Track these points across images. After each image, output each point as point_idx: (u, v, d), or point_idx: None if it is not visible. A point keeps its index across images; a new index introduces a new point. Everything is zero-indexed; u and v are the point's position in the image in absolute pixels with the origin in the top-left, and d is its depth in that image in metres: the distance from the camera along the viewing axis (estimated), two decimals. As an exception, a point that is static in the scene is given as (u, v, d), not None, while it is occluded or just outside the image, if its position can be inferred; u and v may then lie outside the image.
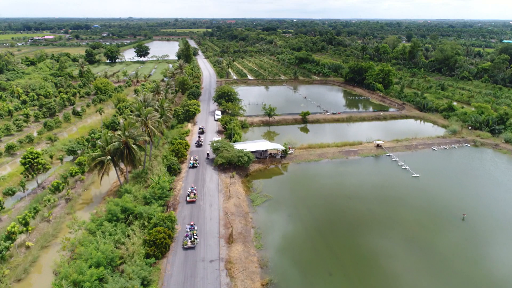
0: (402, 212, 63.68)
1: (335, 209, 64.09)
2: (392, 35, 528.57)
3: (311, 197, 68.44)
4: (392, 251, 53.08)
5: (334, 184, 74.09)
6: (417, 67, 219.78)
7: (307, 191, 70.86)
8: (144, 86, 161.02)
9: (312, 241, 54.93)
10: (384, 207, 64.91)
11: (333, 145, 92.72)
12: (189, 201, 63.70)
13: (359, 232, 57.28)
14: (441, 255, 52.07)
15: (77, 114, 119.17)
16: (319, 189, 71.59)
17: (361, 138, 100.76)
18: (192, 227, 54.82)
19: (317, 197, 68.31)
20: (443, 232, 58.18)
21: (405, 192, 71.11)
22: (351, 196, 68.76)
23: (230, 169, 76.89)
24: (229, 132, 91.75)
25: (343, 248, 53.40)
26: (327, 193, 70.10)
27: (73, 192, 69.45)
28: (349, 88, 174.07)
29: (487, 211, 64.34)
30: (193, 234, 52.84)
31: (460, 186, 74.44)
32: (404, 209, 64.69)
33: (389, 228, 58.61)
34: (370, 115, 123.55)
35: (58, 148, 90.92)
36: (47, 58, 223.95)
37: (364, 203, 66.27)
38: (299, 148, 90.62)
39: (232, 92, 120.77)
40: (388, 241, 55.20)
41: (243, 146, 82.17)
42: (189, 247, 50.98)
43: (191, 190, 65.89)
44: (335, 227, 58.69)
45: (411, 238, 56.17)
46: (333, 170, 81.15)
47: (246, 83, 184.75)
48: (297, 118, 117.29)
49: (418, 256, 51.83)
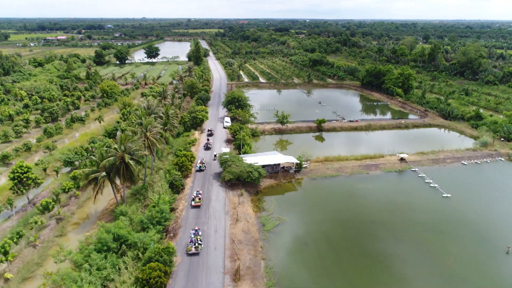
0: (435, 242, 55.41)
1: (357, 237, 56.17)
2: (408, 35, 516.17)
3: (329, 221, 60.65)
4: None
5: (354, 205, 66.10)
6: (438, 70, 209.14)
7: (324, 213, 63.10)
8: (152, 89, 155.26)
9: (331, 278, 47.23)
10: (413, 236, 56.74)
11: (352, 158, 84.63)
12: (193, 205, 61.59)
13: (386, 268, 49.32)
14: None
15: (79, 119, 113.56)
16: (338, 212, 63.74)
17: (382, 149, 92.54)
18: (196, 232, 52.98)
19: (336, 221, 60.49)
20: (484, 268, 49.80)
21: (436, 216, 62.68)
22: (375, 221, 60.72)
23: (238, 185, 69.63)
24: (239, 142, 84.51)
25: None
26: (347, 216, 62.21)
27: (66, 210, 63.12)
28: (366, 92, 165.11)
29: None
30: (197, 240, 51.08)
31: (499, 210, 65.59)
32: (437, 238, 56.39)
33: (421, 262, 50.47)
34: (390, 123, 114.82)
35: (56, 157, 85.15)
36: (56, 59, 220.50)
37: (390, 229, 58.20)
38: (314, 161, 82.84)
39: (242, 97, 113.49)
40: (420, 279, 47.10)
41: (253, 159, 74.84)
42: (193, 253, 49.21)
43: (196, 194, 63.45)
44: (358, 261, 50.82)
45: (447, 275, 47.94)
46: (352, 188, 73.12)
47: (257, 86, 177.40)
48: (312, 126, 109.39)
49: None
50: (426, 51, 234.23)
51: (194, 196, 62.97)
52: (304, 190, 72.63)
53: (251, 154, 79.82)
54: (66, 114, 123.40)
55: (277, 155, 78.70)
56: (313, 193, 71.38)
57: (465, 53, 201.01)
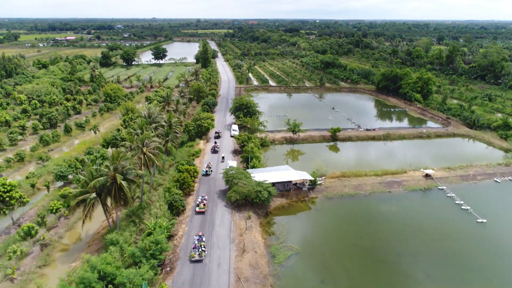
0: (473, 280, 47.39)
1: (383, 274, 48.39)
2: (421, 36, 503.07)
3: (348, 252, 52.98)
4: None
5: (377, 231, 58.28)
6: (457, 73, 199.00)
7: (343, 242, 55.46)
8: (157, 92, 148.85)
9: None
10: (447, 272, 48.76)
11: (371, 173, 76.64)
12: (198, 211, 59.54)
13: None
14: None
15: (79, 125, 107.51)
16: (359, 239, 56.02)
17: (403, 162, 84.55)
18: (200, 238, 51.11)
19: (357, 253, 52.77)
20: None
21: (472, 247, 54.56)
22: (401, 253, 52.85)
23: (246, 206, 62.33)
24: (246, 155, 77.18)
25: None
26: (369, 246, 54.46)
27: (53, 233, 56.54)
28: (382, 97, 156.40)
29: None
30: (200, 246, 49.26)
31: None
32: (474, 275, 48.36)
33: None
34: (410, 132, 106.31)
35: (49, 169, 78.93)
36: (61, 61, 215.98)
37: (420, 264, 50.28)
38: (330, 177, 75.10)
39: (251, 104, 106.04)
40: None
41: (262, 175, 67.42)
42: (196, 260, 47.71)
43: (201, 200, 61.31)
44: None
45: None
46: (373, 209, 65.26)
47: (267, 90, 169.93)
48: (326, 135, 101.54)
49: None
50: (443, 53, 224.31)
51: (199, 201, 61.06)
52: (319, 211, 65.01)
53: (260, 169, 72.44)
54: (66, 119, 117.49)
55: (289, 170, 71.14)
56: (330, 216, 63.75)
57: (486, 55, 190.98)
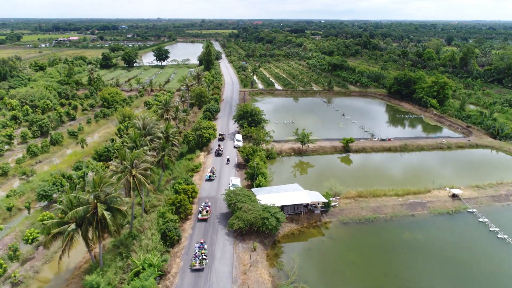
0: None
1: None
2: (429, 37, 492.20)
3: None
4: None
5: (402, 267, 50.11)
6: (471, 76, 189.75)
7: (364, 282, 47.35)
8: (157, 97, 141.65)
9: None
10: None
11: (391, 193, 68.35)
12: (200, 219, 56.88)
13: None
14: None
15: (72, 134, 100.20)
16: (382, 277, 47.89)
17: (425, 177, 76.53)
18: (202, 246, 49.07)
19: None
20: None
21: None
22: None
23: (250, 235, 54.41)
24: (251, 172, 69.17)
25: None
26: (396, 286, 46.33)
27: (28, 267, 49.02)
28: (395, 102, 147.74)
29: None
30: (201, 254, 47.52)
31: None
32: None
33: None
34: (429, 143, 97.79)
35: (33, 186, 71.56)
36: (60, 62, 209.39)
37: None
38: (345, 197, 66.97)
39: (256, 112, 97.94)
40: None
41: (269, 197, 59.47)
42: (197, 269, 45.82)
43: (204, 206, 58.66)
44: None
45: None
46: (397, 238, 57.07)
47: (273, 94, 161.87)
48: (338, 146, 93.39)
49: None
50: (456, 55, 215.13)
51: (201, 208, 58.33)
52: (334, 240, 56.92)
53: (267, 189, 64.47)
54: (58, 126, 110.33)
55: (299, 191, 63.06)
56: (346, 246, 55.64)
57: (503, 57, 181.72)
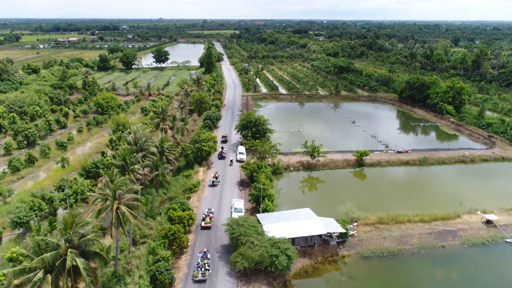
0: None
1: None
2: (434, 38, 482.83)
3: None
4: None
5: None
6: (485, 80, 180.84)
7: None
8: (155, 102, 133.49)
9: None
10: None
11: (416, 218, 59.90)
12: (204, 226, 55.01)
13: None
14: None
15: (60, 145, 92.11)
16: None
17: (451, 197, 68.58)
18: (204, 255, 47.51)
19: None
20: None
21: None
22: None
23: (257, 275, 46.07)
24: (257, 194, 60.75)
25: None
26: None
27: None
28: (407, 108, 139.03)
29: None
30: (204, 264, 45.61)
31: None
32: None
33: None
34: (451, 155, 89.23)
35: (10, 209, 63.41)
36: (55, 64, 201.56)
37: None
38: (363, 224, 58.59)
39: (261, 121, 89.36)
40: None
41: (278, 228, 51.16)
42: (200, 280, 43.99)
43: (207, 213, 56.80)
44: None
45: None
46: (427, 276, 48.62)
47: (277, 99, 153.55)
48: (350, 160, 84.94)
49: None
50: (467, 57, 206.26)
51: (205, 215, 56.51)
52: (354, 279, 48.50)
53: (274, 215, 56.11)
54: (47, 136, 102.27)
55: (312, 219, 54.53)
56: (369, 287, 47.24)
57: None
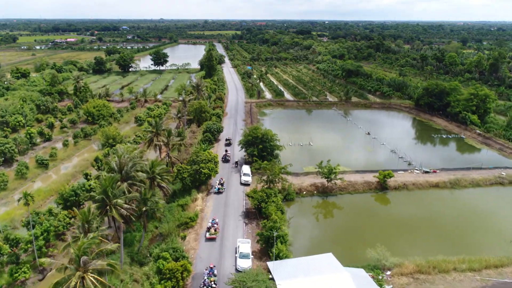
0: None
1: None
2: (439, 38, 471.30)
3: None
4: None
5: None
6: (504, 84, 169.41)
7: None
8: (151, 110, 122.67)
9: None
10: None
11: (463, 266, 48.59)
12: (208, 238, 53.02)
13: None
14: None
15: (41, 162, 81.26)
16: None
17: (495, 231, 57.67)
18: (211, 272, 43.14)
19: None
20: None
21: None
22: None
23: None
24: (267, 235, 49.34)
25: None
26: None
27: None
28: (425, 117, 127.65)
29: None
30: (211, 282, 41.49)
31: None
32: None
33: None
34: (485, 176, 77.87)
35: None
36: (48, 67, 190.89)
37: None
38: (398, 273, 47.42)
39: (268, 137, 77.78)
40: None
41: (297, 285, 40.08)
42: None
43: (211, 224, 54.71)
44: None
45: None
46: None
47: (283, 106, 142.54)
48: (371, 182, 73.70)
49: None
50: (483, 59, 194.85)
51: (209, 225, 54.53)
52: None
53: (290, 264, 44.94)
54: (28, 150, 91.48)
55: (338, 272, 43.17)
56: None
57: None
